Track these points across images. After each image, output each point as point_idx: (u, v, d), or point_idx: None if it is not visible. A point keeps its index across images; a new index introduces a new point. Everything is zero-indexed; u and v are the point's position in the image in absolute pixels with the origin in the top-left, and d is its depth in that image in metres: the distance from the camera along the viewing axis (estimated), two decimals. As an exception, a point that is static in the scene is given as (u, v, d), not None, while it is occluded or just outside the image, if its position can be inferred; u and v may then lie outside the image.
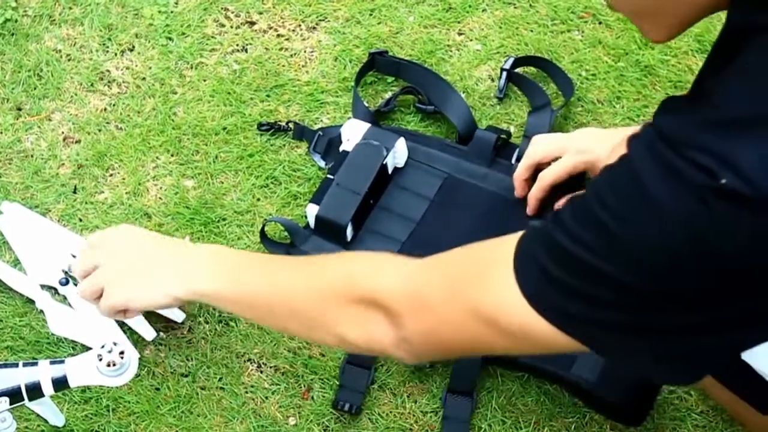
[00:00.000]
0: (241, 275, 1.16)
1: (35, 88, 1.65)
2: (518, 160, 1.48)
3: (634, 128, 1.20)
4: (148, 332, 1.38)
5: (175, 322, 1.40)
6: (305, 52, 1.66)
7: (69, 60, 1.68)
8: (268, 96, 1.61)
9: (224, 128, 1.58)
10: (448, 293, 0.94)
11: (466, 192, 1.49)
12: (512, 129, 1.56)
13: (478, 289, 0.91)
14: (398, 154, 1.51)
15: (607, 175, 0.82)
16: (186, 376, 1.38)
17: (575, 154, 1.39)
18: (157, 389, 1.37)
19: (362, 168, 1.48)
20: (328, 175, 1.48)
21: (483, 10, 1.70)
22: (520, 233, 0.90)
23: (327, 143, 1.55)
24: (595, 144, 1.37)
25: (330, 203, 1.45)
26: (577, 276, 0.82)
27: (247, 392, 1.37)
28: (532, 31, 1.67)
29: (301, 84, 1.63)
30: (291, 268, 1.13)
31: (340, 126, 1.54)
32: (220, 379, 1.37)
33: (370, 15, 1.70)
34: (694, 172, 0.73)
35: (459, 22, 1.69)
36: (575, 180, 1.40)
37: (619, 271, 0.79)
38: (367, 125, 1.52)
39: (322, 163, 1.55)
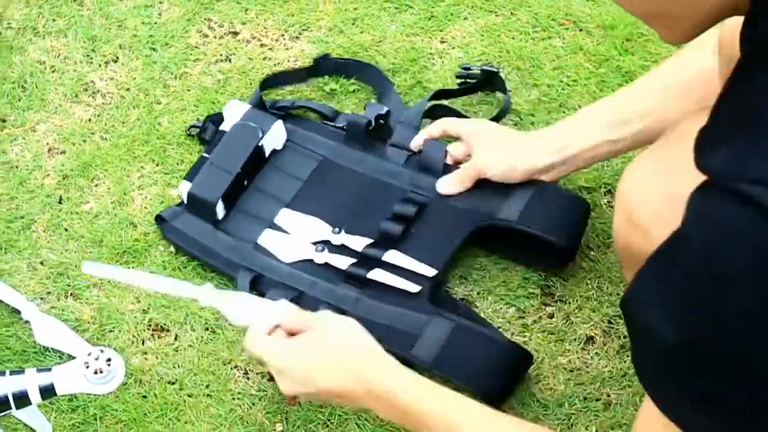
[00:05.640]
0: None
1: (20, 100, 1.65)
2: (391, 145, 1.53)
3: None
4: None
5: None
6: (289, 61, 1.67)
7: (53, 71, 1.68)
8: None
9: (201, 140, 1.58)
10: None
11: (339, 175, 1.52)
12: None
13: None
14: (275, 137, 1.53)
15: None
16: (173, 383, 1.38)
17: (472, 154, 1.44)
18: (144, 397, 1.37)
19: (237, 148, 1.50)
20: (204, 154, 1.51)
21: (465, 18, 1.71)
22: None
23: (216, 130, 1.56)
24: (492, 155, 1.43)
25: (202, 181, 1.47)
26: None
27: (234, 399, 1.37)
28: (513, 38, 1.68)
29: (284, 93, 1.64)
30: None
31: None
32: (207, 386, 1.38)
33: (353, 24, 1.71)
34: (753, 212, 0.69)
35: (441, 31, 1.70)
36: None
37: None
38: (248, 106, 1.54)
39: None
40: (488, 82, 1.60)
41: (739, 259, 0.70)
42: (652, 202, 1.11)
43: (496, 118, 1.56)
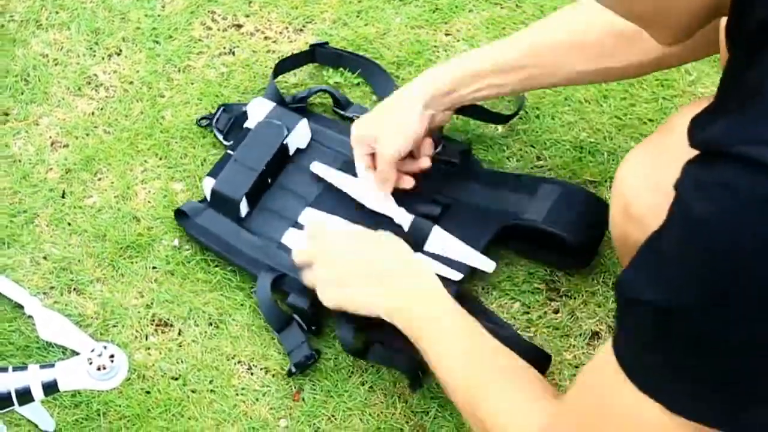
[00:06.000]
0: (443, 335, 1.21)
1: (22, 93, 1.64)
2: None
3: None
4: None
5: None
6: (293, 53, 1.66)
7: (56, 64, 1.67)
8: (257, 98, 1.61)
9: (212, 131, 1.58)
10: None
11: None
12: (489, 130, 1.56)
13: (602, 422, 0.90)
14: (300, 135, 1.52)
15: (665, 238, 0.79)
16: (176, 379, 1.38)
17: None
18: (148, 393, 1.37)
19: (261, 146, 1.49)
20: (228, 151, 1.50)
21: (470, 11, 1.70)
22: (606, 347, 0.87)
23: (231, 121, 1.56)
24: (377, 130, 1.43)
25: (226, 178, 1.47)
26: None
27: (237, 395, 1.36)
28: (518, 31, 1.67)
29: (288, 86, 1.63)
30: (477, 363, 1.16)
31: (245, 104, 1.56)
32: (211, 382, 1.37)
33: (357, 16, 1.70)
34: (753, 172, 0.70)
35: (446, 23, 1.69)
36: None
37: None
38: (272, 104, 1.54)
39: (221, 138, 1.56)
40: None
41: (747, 222, 0.71)
42: (647, 194, 1.13)
43: (514, 114, 1.54)
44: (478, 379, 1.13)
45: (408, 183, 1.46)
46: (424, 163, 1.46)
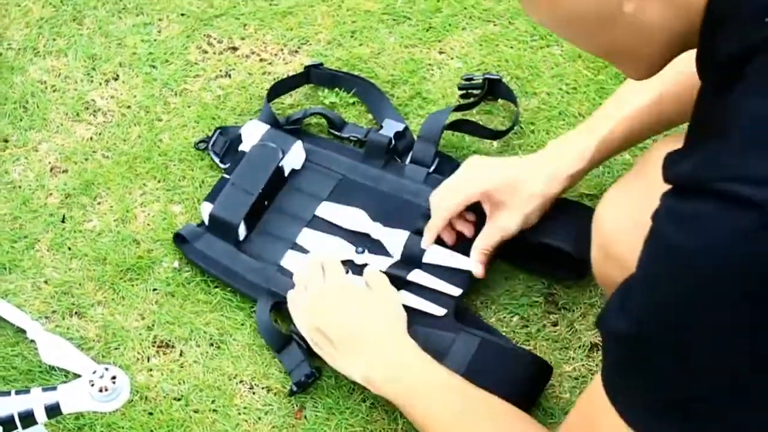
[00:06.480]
0: (432, 403, 1.22)
1: (21, 120, 1.66)
2: (412, 161, 1.52)
3: (517, 158, 1.28)
4: None
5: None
6: (288, 75, 1.67)
7: (54, 91, 1.69)
8: (252, 120, 1.62)
9: (209, 154, 1.59)
10: None
11: (358, 193, 1.52)
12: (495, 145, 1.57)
13: None
14: (294, 157, 1.53)
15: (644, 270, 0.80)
16: (179, 399, 1.38)
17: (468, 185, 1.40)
18: (150, 414, 1.37)
19: (257, 169, 1.50)
20: (224, 175, 1.51)
21: (463, 29, 1.71)
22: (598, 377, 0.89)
23: (227, 143, 1.57)
24: (484, 173, 1.40)
25: (223, 202, 1.47)
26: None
27: (240, 414, 1.37)
28: (512, 47, 1.69)
29: (285, 107, 1.64)
30: (466, 414, 1.18)
31: (240, 126, 1.57)
32: (213, 402, 1.38)
33: (351, 37, 1.72)
34: (729, 208, 0.72)
35: (439, 41, 1.70)
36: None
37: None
38: (266, 127, 1.55)
39: (218, 161, 1.57)
40: (492, 90, 1.60)
41: (719, 255, 0.73)
42: (627, 234, 1.11)
43: (509, 130, 1.55)
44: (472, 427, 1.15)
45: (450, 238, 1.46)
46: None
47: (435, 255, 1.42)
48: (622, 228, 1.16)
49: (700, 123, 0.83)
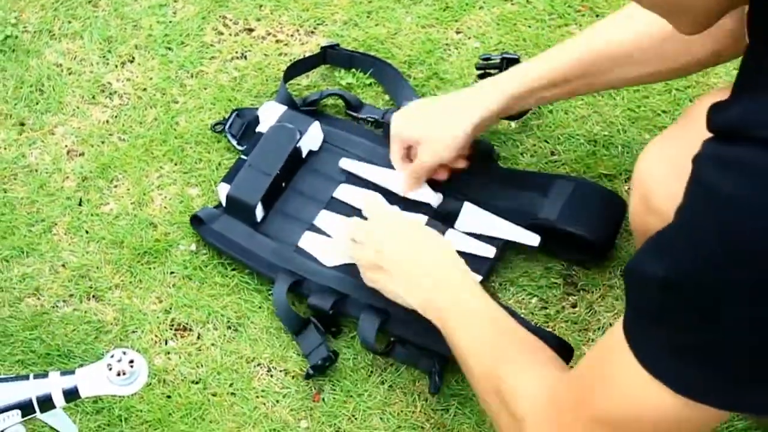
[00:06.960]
0: (472, 321, 1.22)
1: (37, 103, 1.65)
2: None
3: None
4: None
5: None
6: (304, 56, 1.66)
7: (70, 74, 1.68)
8: (269, 101, 1.61)
9: (226, 136, 1.58)
10: (573, 404, 0.96)
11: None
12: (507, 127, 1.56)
13: (602, 393, 0.91)
14: (312, 138, 1.53)
15: (683, 217, 0.80)
16: (197, 382, 1.38)
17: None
18: (169, 397, 1.37)
19: (275, 150, 1.49)
20: (242, 156, 1.51)
21: (480, 8, 1.70)
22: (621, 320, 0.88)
23: (244, 125, 1.57)
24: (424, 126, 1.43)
25: (241, 183, 1.47)
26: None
27: (258, 397, 1.37)
28: (530, 26, 1.67)
29: (301, 88, 1.63)
30: (486, 335, 1.18)
31: (257, 108, 1.57)
32: (231, 385, 1.38)
33: (368, 17, 1.71)
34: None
35: (456, 21, 1.69)
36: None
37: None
38: (284, 108, 1.54)
39: (235, 143, 1.56)
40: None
41: (760, 202, 0.72)
42: (668, 185, 1.12)
43: (527, 111, 1.54)
44: (501, 356, 1.14)
45: (443, 174, 1.46)
46: (460, 163, 1.46)
47: (454, 239, 1.41)
48: (663, 180, 1.16)
49: (747, 76, 0.82)
